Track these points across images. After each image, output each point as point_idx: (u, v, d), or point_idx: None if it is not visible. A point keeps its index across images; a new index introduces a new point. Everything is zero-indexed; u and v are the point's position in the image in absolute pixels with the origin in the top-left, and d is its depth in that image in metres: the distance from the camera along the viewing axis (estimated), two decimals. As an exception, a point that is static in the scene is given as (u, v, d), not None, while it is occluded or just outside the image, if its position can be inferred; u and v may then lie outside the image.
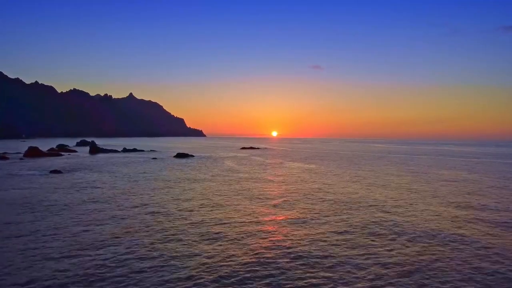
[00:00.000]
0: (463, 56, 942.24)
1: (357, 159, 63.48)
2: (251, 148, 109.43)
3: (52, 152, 62.05)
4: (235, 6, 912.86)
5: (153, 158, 57.30)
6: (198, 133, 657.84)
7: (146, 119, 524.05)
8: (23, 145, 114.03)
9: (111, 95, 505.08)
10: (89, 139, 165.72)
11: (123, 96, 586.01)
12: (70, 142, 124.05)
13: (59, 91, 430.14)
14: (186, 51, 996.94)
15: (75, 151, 74.15)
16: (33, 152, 56.36)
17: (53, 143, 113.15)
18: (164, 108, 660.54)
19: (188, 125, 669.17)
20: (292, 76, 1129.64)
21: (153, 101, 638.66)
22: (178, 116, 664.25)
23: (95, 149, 72.65)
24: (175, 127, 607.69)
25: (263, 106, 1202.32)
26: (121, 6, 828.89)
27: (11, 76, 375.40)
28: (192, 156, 64.41)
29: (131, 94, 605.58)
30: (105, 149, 77.06)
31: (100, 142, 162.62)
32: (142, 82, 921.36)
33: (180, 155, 63.19)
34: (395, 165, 51.13)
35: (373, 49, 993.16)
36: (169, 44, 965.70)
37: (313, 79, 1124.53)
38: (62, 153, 64.14)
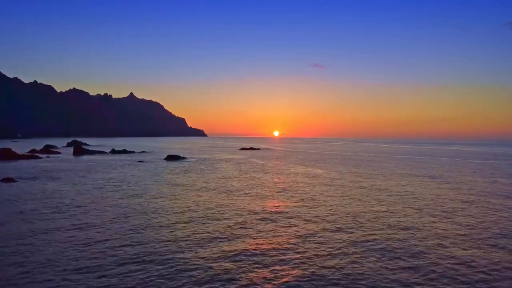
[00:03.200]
0: (465, 55, 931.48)
1: (369, 162, 57.29)
2: (251, 148, 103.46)
3: (29, 154, 56.19)
4: (235, 6, 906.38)
5: (139, 161, 51.46)
6: (199, 133, 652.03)
7: (147, 119, 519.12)
8: (12, 146, 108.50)
9: (111, 95, 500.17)
10: (87, 139, 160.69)
11: (124, 96, 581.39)
12: (64, 142, 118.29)
13: (58, 90, 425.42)
14: (186, 51, 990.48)
15: (58, 153, 68.49)
16: (5, 154, 50.54)
17: (45, 143, 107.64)
18: (165, 108, 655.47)
19: (189, 125, 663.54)
20: (293, 75, 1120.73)
21: (153, 100, 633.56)
22: (179, 116, 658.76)
23: (79, 151, 66.74)
24: (176, 127, 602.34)
25: (264, 106, 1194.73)
26: (120, 5, 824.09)
27: (10, 75, 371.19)
28: (184, 158, 58.47)
29: (131, 93, 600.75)
30: (91, 150, 71.17)
31: (97, 142, 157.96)
32: (142, 81, 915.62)
33: (171, 158, 57.26)
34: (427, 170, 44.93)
35: (374, 48, 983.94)
36: (170, 44, 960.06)
37: (314, 78, 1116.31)
38: (41, 155, 58.28)
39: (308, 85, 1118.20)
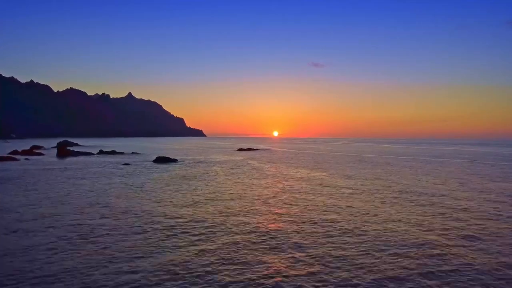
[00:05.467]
0: (465, 55, 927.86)
1: (383, 165, 52.88)
2: (249, 149, 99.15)
3: (5, 156, 51.77)
4: (234, 5, 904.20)
5: (125, 164, 47.13)
6: (198, 133, 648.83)
7: (145, 119, 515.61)
8: (1, 147, 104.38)
9: (108, 95, 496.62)
10: (84, 140, 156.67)
11: (122, 96, 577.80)
12: (55, 143, 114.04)
13: (55, 90, 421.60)
14: (185, 51, 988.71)
15: (41, 154, 64.24)
16: (-23, 157, 46.17)
17: (37, 143, 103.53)
18: (164, 108, 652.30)
19: (188, 125, 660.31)
20: (292, 74, 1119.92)
21: (152, 100, 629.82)
22: (178, 116, 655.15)
23: (64, 152, 62.40)
24: (175, 127, 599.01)
25: (263, 105, 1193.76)
26: (119, 5, 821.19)
27: (6, 75, 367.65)
28: (175, 160, 54.04)
29: (130, 93, 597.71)
30: (77, 151, 66.83)
31: (93, 142, 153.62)
32: (141, 81, 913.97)
33: (160, 160, 52.87)
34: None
35: (374, 47, 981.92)
36: (168, 44, 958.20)
37: (314, 77, 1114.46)
38: (19, 157, 53.84)
39: (308, 84, 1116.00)
